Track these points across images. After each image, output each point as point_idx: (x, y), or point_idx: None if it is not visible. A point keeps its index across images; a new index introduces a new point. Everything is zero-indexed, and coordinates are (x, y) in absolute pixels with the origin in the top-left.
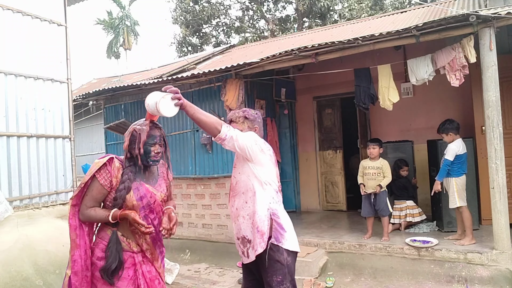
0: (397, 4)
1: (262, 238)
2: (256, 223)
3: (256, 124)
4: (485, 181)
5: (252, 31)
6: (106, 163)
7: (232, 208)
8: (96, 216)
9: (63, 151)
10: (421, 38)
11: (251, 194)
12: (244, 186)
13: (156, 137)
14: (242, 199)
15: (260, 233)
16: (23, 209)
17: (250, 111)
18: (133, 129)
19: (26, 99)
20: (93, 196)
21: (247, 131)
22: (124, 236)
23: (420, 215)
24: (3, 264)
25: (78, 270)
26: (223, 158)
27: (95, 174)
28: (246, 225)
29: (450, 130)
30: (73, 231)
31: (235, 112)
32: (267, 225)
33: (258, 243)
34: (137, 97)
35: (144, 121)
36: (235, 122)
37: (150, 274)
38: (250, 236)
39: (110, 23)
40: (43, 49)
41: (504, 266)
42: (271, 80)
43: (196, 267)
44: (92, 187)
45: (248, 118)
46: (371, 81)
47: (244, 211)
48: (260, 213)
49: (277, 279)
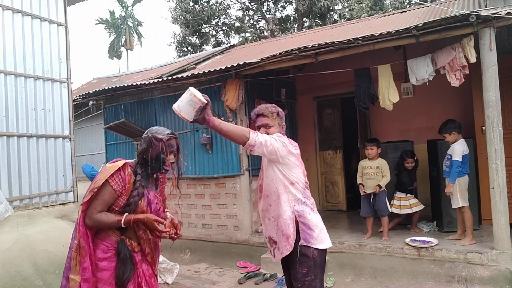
0: (397, 4)
1: (287, 241)
2: (281, 226)
3: (283, 122)
4: (485, 181)
5: (252, 31)
6: (120, 168)
7: (260, 209)
8: (108, 221)
9: (63, 151)
10: (421, 38)
11: (275, 197)
12: (268, 189)
13: (173, 147)
14: (267, 202)
15: (285, 236)
16: (23, 209)
17: (279, 108)
18: (153, 137)
19: (26, 99)
20: (104, 200)
21: (277, 127)
22: (126, 237)
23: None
24: (3, 264)
25: (89, 277)
26: (223, 158)
27: (108, 179)
28: (272, 227)
29: (453, 129)
30: (83, 238)
31: (267, 106)
32: (292, 228)
33: (284, 246)
34: (137, 97)
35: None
36: (267, 116)
37: (148, 272)
38: (276, 238)
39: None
40: (43, 49)
41: (504, 266)
42: (271, 80)
43: (196, 267)
44: (104, 191)
45: (279, 115)
46: (371, 81)
47: (268, 213)
48: (284, 216)
49: (303, 271)
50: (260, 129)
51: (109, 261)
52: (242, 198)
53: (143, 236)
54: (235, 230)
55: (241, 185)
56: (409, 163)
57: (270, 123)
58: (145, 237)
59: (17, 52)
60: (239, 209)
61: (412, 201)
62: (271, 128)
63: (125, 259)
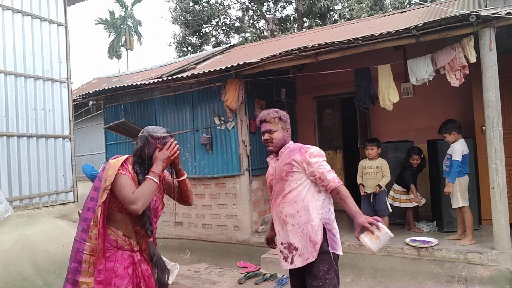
0: (397, 4)
1: (314, 247)
2: (309, 233)
3: (287, 125)
4: (485, 181)
5: (252, 31)
6: (124, 161)
7: (281, 214)
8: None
9: (63, 151)
10: (421, 38)
11: (304, 204)
12: (298, 196)
13: None
14: (294, 208)
15: (313, 242)
16: (23, 209)
17: (282, 111)
18: (150, 135)
19: (26, 99)
20: (131, 184)
21: (281, 131)
22: (125, 236)
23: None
24: (3, 264)
25: (104, 279)
26: (223, 158)
27: (117, 172)
28: (295, 233)
29: (453, 129)
30: (101, 239)
31: (269, 112)
32: (320, 235)
33: (310, 253)
34: (137, 97)
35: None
36: (269, 122)
37: (148, 272)
38: (298, 244)
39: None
40: (43, 49)
41: (504, 266)
42: (271, 80)
43: (196, 267)
44: (122, 181)
45: (282, 119)
46: (371, 81)
47: (294, 219)
48: (312, 223)
49: (324, 268)
50: (265, 134)
51: (108, 261)
52: (242, 198)
53: (140, 232)
54: (235, 230)
55: (241, 185)
56: (414, 159)
57: (273, 129)
58: (142, 233)
59: (17, 52)
60: (239, 209)
61: (410, 196)
62: (274, 133)
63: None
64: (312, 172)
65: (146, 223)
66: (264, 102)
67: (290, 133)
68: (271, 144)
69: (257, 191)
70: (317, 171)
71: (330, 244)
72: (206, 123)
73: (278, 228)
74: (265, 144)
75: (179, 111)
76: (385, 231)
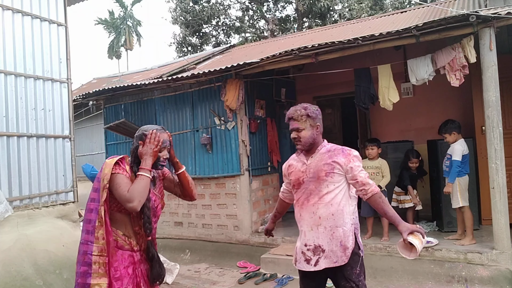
0: (397, 4)
1: (344, 252)
2: (340, 237)
3: (317, 121)
4: (485, 181)
5: (252, 31)
6: (119, 160)
7: (314, 215)
8: (140, 186)
9: (63, 151)
10: (421, 38)
11: (340, 208)
12: (334, 198)
13: (166, 142)
14: (329, 210)
15: (344, 247)
16: (23, 209)
17: (311, 107)
18: (143, 133)
19: (26, 99)
20: (127, 182)
21: (309, 129)
22: (125, 236)
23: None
24: (3, 264)
25: (121, 275)
26: (223, 158)
27: (112, 171)
28: (325, 236)
29: (453, 129)
30: (112, 239)
31: (296, 109)
32: (351, 240)
33: (339, 257)
34: (137, 97)
35: (154, 126)
36: (296, 120)
37: (148, 272)
38: (326, 246)
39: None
40: (43, 49)
41: (504, 266)
42: (271, 80)
43: (196, 267)
44: (118, 179)
45: (310, 116)
46: (371, 81)
47: (327, 222)
48: (345, 227)
49: (356, 271)
50: (292, 132)
51: None
52: (242, 198)
53: (140, 232)
54: (235, 230)
55: (241, 185)
56: (413, 163)
57: (300, 127)
58: (141, 232)
59: (17, 52)
60: (239, 209)
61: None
62: (302, 132)
63: (156, 261)
64: (354, 176)
65: (146, 223)
66: (264, 102)
67: (321, 130)
68: (299, 142)
69: (257, 191)
70: (359, 175)
71: (361, 248)
72: (206, 123)
73: (305, 229)
74: (294, 142)
75: (179, 111)
76: (426, 239)
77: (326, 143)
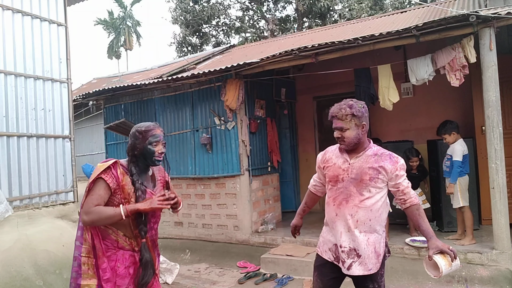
0: (397, 4)
1: (377, 259)
2: (374, 243)
3: (364, 120)
4: (485, 181)
5: (252, 31)
6: (110, 166)
7: (351, 218)
8: (107, 212)
9: (63, 151)
10: (421, 38)
11: (378, 214)
12: (374, 204)
13: (159, 136)
14: (368, 215)
15: (377, 254)
16: (23, 209)
17: (357, 105)
18: (136, 130)
19: (26, 99)
20: (100, 195)
21: (354, 129)
22: (126, 236)
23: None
24: (3, 264)
25: (110, 276)
26: (223, 158)
27: (101, 176)
28: (361, 240)
29: (453, 129)
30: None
31: (340, 108)
32: (383, 247)
33: (374, 264)
34: (137, 97)
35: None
36: (340, 119)
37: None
38: (362, 252)
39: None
40: (43, 49)
41: (504, 266)
42: (271, 80)
43: (196, 267)
44: (98, 187)
45: (355, 115)
46: (371, 81)
47: (364, 227)
48: (379, 234)
49: (381, 272)
50: (336, 131)
51: (109, 260)
52: (242, 198)
53: (139, 234)
54: (235, 230)
55: (241, 185)
56: (413, 161)
57: (344, 126)
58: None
59: (17, 52)
60: (239, 209)
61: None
62: (346, 132)
63: (147, 264)
64: (397, 184)
65: (140, 224)
66: (264, 102)
67: (367, 128)
68: (343, 142)
69: (257, 191)
70: (402, 184)
71: (387, 254)
72: (206, 123)
73: (340, 229)
74: (337, 141)
75: (179, 111)
76: (457, 262)
77: (373, 144)
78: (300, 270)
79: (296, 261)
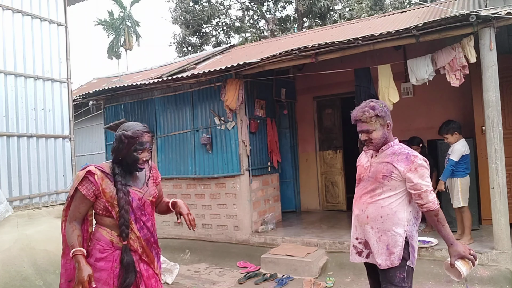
0: (397, 4)
1: (389, 257)
2: (387, 241)
3: (387, 119)
4: (485, 181)
5: (252, 31)
6: (87, 174)
7: (362, 213)
8: (69, 238)
9: (63, 151)
10: (421, 38)
11: (392, 212)
12: (387, 201)
13: (145, 144)
14: (379, 212)
15: (390, 251)
16: (23, 209)
17: (378, 105)
18: (122, 134)
19: (26, 99)
20: (76, 206)
21: (380, 130)
22: (119, 236)
23: None
24: (3, 264)
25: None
26: (223, 158)
27: (77, 186)
28: (372, 235)
29: (455, 129)
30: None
31: (364, 110)
32: (400, 247)
33: (384, 260)
34: (137, 97)
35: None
36: (365, 122)
37: (147, 272)
38: (373, 246)
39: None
40: (43, 49)
41: (504, 266)
42: (271, 80)
43: (196, 267)
44: (75, 198)
45: (379, 115)
46: (371, 81)
47: (375, 223)
48: (395, 232)
49: (401, 276)
50: (362, 134)
51: (106, 261)
52: (242, 198)
53: (131, 236)
54: (235, 230)
55: (241, 185)
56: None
57: (370, 128)
58: (133, 236)
59: (17, 52)
60: (239, 209)
61: None
62: (372, 133)
63: (128, 266)
64: (413, 186)
65: (122, 225)
66: (264, 102)
67: (392, 126)
68: (370, 144)
69: (257, 191)
70: (416, 187)
71: (411, 258)
72: (206, 123)
73: (355, 223)
74: (364, 144)
75: (179, 111)
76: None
77: (396, 142)
78: (300, 270)
79: (296, 261)
